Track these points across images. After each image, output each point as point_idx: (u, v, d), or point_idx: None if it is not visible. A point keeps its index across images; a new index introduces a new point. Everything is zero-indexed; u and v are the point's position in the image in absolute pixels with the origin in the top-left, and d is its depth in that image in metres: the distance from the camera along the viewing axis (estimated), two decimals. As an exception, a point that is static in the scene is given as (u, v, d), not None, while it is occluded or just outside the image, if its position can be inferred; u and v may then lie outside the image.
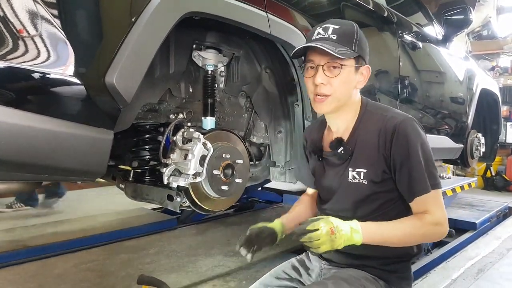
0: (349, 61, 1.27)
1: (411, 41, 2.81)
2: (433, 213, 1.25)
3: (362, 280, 1.30)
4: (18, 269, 2.85)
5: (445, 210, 1.28)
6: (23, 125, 1.02)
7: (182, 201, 1.57)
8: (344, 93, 1.30)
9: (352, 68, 1.29)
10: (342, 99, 1.30)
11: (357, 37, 1.28)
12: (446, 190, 3.31)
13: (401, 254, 1.36)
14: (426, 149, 1.28)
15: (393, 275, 1.36)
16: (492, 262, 2.99)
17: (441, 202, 1.28)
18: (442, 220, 1.26)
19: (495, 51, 8.15)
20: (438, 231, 1.27)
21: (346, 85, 1.29)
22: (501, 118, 4.60)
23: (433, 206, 1.26)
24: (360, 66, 1.31)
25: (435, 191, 1.26)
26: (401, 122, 1.28)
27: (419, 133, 1.29)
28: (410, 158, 1.24)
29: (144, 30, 1.15)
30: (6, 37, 0.99)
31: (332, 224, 1.16)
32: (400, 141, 1.25)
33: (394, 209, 1.33)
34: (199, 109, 1.75)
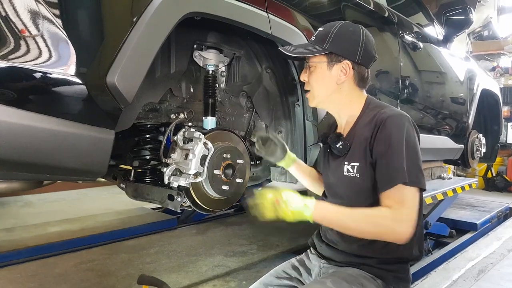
0: (319, 58, 1.36)
1: (412, 41, 2.81)
2: (399, 208, 1.19)
3: (360, 279, 1.31)
4: (18, 269, 2.86)
5: (415, 211, 1.20)
6: (25, 124, 1.02)
7: (183, 201, 1.57)
8: (321, 88, 1.39)
9: (323, 65, 1.36)
10: (322, 93, 1.39)
11: (331, 36, 1.34)
12: (447, 191, 3.30)
13: (400, 256, 1.36)
14: (411, 146, 1.26)
15: (391, 274, 1.36)
16: (493, 263, 2.99)
17: (414, 201, 1.21)
18: (405, 219, 1.18)
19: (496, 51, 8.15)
20: (397, 229, 1.18)
21: (321, 81, 1.38)
22: (501, 119, 4.59)
23: (401, 202, 1.19)
24: (334, 62, 1.35)
25: (411, 188, 1.21)
26: (390, 116, 1.29)
27: (406, 129, 1.28)
28: (389, 150, 1.24)
29: (145, 30, 1.15)
30: (8, 37, 0.99)
31: (281, 196, 1.21)
32: (383, 133, 1.27)
33: None
34: (200, 109, 1.75)
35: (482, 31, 8.46)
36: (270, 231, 3.86)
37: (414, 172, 1.23)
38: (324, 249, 1.48)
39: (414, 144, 1.28)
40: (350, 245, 1.38)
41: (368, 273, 1.34)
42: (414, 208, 1.21)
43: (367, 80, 1.43)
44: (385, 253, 1.34)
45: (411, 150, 1.26)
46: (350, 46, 1.35)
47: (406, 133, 1.27)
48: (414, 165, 1.24)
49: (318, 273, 1.47)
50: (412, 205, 1.21)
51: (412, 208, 1.21)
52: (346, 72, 1.35)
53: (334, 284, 1.26)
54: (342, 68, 1.35)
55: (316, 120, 1.90)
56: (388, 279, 1.35)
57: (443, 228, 3.63)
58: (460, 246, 3.41)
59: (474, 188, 3.97)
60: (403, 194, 1.20)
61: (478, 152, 4.07)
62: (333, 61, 1.35)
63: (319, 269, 1.48)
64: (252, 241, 3.57)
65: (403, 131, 1.27)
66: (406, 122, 1.30)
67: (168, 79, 1.62)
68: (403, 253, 1.36)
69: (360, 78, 1.39)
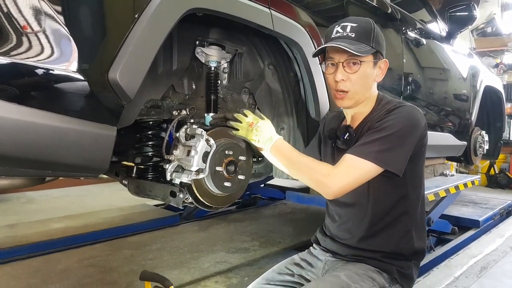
0: (368, 57, 1.33)
1: (415, 38, 2.80)
2: (338, 168, 1.26)
3: (369, 272, 1.35)
4: (21, 265, 2.87)
5: (350, 178, 1.24)
6: (27, 121, 1.02)
7: (185, 198, 1.57)
8: (363, 87, 1.37)
9: (370, 64, 1.35)
10: (361, 92, 1.37)
11: (374, 33, 1.34)
12: (450, 188, 3.30)
13: (400, 250, 1.39)
14: (402, 131, 1.27)
15: (395, 268, 1.38)
16: (495, 260, 2.99)
17: (358, 172, 1.25)
18: (334, 177, 1.24)
19: (499, 48, 8.11)
20: (324, 182, 1.25)
21: (365, 79, 1.36)
22: (505, 116, 4.57)
23: (346, 166, 1.26)
24: (378, 60, 1.37)
25: (365, 161, 1.24)
26: (402, 106, 1.34)
27: (413, 119, 1.31)
28: (382, 130, 1.28)
29: (147, 26, 1.15)
30: (10, 33, 0.99)
31: (256, 122, 1.38)
32: (387, 116, 1.31)
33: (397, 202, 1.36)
34: (202, 105, 1.75)
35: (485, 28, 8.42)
36: (273, 228, 3.86)
37: (385, 154, 1.25)
38: (328, 243, 1.52)
39: (408, 133, 1.29)
40: (352, 238, 1.43)
41: (374, 267, 1.37)
42: (354, 173, 1.25)
43: None
44: (385, 245, 1.38)
45: (401, 137, 1.27)
46: (384, 43, 1.38)
47: (410, 123, 1.29)
48: (390, 149, 1.26)
49: (323, 267, 1.50)
50: (352, 173, 1.25)
51: (349, 175, 1.25)
52: (383, 70, 1.39)
53: (347, 277, 1.30)
54: (381, 66, 1.38)
55: (319, 117, 1.89)
56: (393, 272, 1.37)
57: (445, 225, 3.62)
58: (462, 243, 3.41)
59: (476, 185, 3.96)
60: (353, 161, 1.25)
61: (481, 149, 4.06)
62: (377, 59, 1.36)
63: (324, 263, 1.50)
64: (254, 237, 3.58)
65: (408, 121, 1.29)
66: (417, 114, 1.32)
67: (170, 75, 1.61)
68: (403, 247, 1.39)
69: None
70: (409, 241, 1.40)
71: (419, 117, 1.33)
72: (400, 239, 1.39)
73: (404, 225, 1.40)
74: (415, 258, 1.44)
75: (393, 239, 1.38)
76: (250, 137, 1.38)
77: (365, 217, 1.41)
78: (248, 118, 1.40)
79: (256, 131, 1.37)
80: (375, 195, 1.38)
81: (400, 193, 1.38)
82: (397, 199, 1.38)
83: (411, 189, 1.39)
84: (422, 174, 1.46)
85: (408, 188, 1.39)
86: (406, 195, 1.38)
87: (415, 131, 1.31)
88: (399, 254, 1.39)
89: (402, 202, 1.38)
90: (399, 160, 1.27)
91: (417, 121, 1.31)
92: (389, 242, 1.38)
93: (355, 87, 1.35)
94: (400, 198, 1.38)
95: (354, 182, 1.25)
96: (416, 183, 1.42)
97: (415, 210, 1.42)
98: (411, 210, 1.40)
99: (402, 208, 1.38)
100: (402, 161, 1.27)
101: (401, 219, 1.39)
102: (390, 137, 1.26)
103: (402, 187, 1.37)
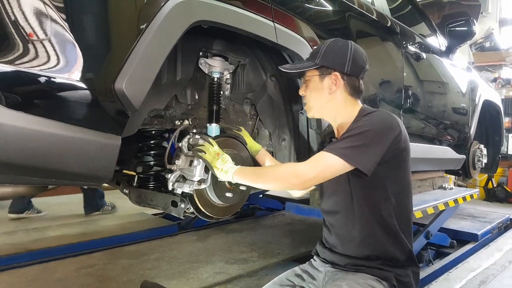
0: (311, 72, 1.49)
1: (415, 51, 2.83)
2: (306, 162, 1.34)
3: (369, 281, 1.38)
4: (19, 273, 2.84)
5: (316, 169, 1.31)
6: (32, 129, 1.03)
7: (186, 208, 1.58)
8: (315, 100, 1.51)
9: (316, 78, 1.49)
10: (317, 104, 1.51)
11: (322, 51, 1.47)
12: (449, 201, 3.30)
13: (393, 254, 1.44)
14: (372, 132, 1.33)
15: (393, 275, 1.41)
16: (494, 274, 2.98)
17: (324, 164, 1.31)
18: (301, 173, 1.31)
19: (498, 62, 8.16)
20: (291, 178, 1.32)
21: (315, 92, 1.50)
22: (503, 130, 4.60)
23: (313, 159, 1.34)
24: (325, 74, 1.47)
25: (331, 155, 1.30)
26: (377, 111, 1.41)
27: (384, 123, 1.36)
28: (351, 131, 1.35)
29: (154, 37, 1.17)
30: (17, 43, 1.00)
31: (222, 154, 1.47)
32: (362, 119, 1.39)
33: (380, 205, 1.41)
34: (204, 115, 1.76)
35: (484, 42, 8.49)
36: (271, 239, 3.85)
37: (351, 150, 1.30)
38: (327, 254, 1.56)
39: (378, 134, 1.34)
40: (348, 244, 1.48)
41: (373, 275, 1.40)
42: (320, 165, 1.32)
43: (360, 90, 1.50)
44: (379, 251, 1.43)
45: (369, 136, 1.33)
46: (339, 58, 1.46)
47: (381, 124, 1.36)
48: (357, 146, 1.31)
49: (323, 278, 1.52)
50: (319, 167, 1.32)
51: (315, 167, 1.32)
52: (336, 83, 1.45)
53: (349, 286, 1.34)
54: (333, 79, 1.45)
55: (320, 129, 1.91)
56: (391, 280, 1.40)
57: (444, 238, 3.62)
58: (461, 257, 3.39)
59: (475, 199, 3.97)
60: (320, 155, 1.34)
61: (480, 163, 4.07)
62: (324, 73, 1.47)
63: (324, 274, 1.53)
64: (253, 248, 3.56)
65: (378, 122, 1.36)
66: (390, 119, 1.38)
67: (174, 85, 1.63)
68: (396, 251, 1.43)
69: (352, 88, 1.48)
70: (400, 244, 1.45)
71: (392, 121, 1.38)
72: (392, 243, 1.44)
73: (393, 229, 1.44)
74: (411, 265, 1.47)
75: (385, 244, 1.43)
76: (215, 164, 1.45)
77: (354, 224, 1.45)
78: (215, 148, 1.49)
79: (222, 160, 1.46)
80: (358, 200, 1.43)
81: (382, 197, 1.42)
82: (380, 203, 1.42)
83: (393, 195, 1.43)
84: (407, 182, 1.49)
85: (389, 193, 1.42)
86: (388, 199, 1.42)
87: (387, 133, 1.35)
88: (394, 259, 1.43)
89: (386, 206, 1.42)
90: (366, 158, 1.31)
91: (389, 124, 1.36)
92: (382, 247, 1.43)
93: (309, 100, 1.53)
94: (383, 202, 1.42)
95: (320, 174, 1.31)
96: (400, 189, 1.45)
97: (401, 215, 1.46)
98: (397, 215, 1.44)
99: (387, 212, 1.43)
100: (370, 160, 1.31)
101: (389, 224, 1.43)
102: (359, 136, 1.32)
103: (383, 192, 1.42)
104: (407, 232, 1.48)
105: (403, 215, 1.47)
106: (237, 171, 1.43)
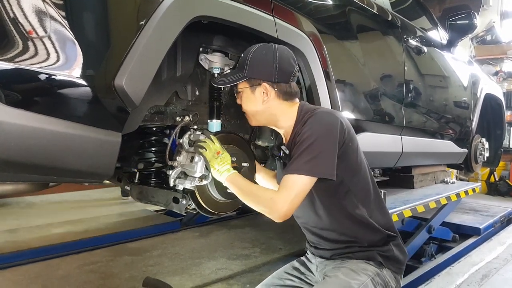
0: (242, 84, 1.47)
1: (416, 45, 2.81)
2: (280, 191, 1.32)
3: (359, 264, 1.44)
4: (21, 270, 2.86)
5: (294, 194, 1.29)
6: (33, 126, 1.03)
7: (188, 204, 1.57)
8: (252, 110, 1.49)
9: (247, 90, 1.47)
10: (255, 114, 1.49)
11: (247, 62, 1.43)
12: (451, 195, 3.30)
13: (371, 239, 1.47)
14: (322, 140, 1.33)
15: (376, 252, 1.46)
16: (497, 268, 2.98)
17: (295, 188, 1.30)
18: (278, 201, 1.30)
19: (499, 56, 8.13)
20: (270, 207, 1.32)
21: (250, 103, 1.48)
22: (505, 123, 4.59)
23: (285, 188, 1.31)
24: (255, 86, 1.45)
25: (299, 176, 1.30)
26: (316, 114, 1.39)
27: (327, 124, 1.35)
28: (300, 144, 1.34)
29: (153, 33, 1.16)
30: (17, 40, 1.00)
31: (222, 153, 1.45)
32: (302, 129, 1.37)
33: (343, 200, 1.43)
34: (205, 111, 1.76)
35: (485, 36, 8.45)
36: (273, 234, 3.85)
37: (311, 163, 1.30)
38: (313, 250, 1.62)
39: (326, 138, 1.34)
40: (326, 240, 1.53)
41: (359, 259, 1.45)
42: (293, 191, 1.30)
43: (293, 92, 1.49)
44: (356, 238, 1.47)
45: (319, 144, 1.32)
46: (265, 68, 1.43)
47: (324, 128, 1.35)
48: (314, 157, 1.31)
49: (316, 269, 1.60)
50: (293, 191, 1.30)
51: (291, 191, 1.30)
52: (267, 93, 1.45)
53: (345, 275, 1.39)
54: (264, 90, 1.44)
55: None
56: (376, 257, 1.45)
57: (446, 232, 3.62)
58: (463, 251, 3.40)
59: (477, 193, 3.96)
60: (292, 182, 1.31)
61: (482, 157, 4.07)
62: (254, 85, 1.45)
63: (316, 266, 1.60)
64: (255, 244, 3.57)
65: (320, 126, 1.35)
66: (328, 118, 1.38)
67: (174, 82, 1.62)
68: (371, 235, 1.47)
69: (284, 93, 1.46)
70: (372, 228, 1.47)
71: (331, 119, 1.37)
72: (364, 228, 1.46)
73: (362, 217, 1.45)
74: (390, 239, 1.50)
75: (358, 231, 1.46)
76: (212, 163, 1.44)
77: (326, 223, 1.48)
78: (216, 145, 1.47)
79: (220, 160, 1.44)
80: (322, 201, 1.45)
81: (343, 192, 1.43)
82: (342, 198, 1.44)
83: (352, 184, 1.44)
84: (360, 165, 1.48)
85: (348, 184, 1.43)
86: (349, 192, 1.44)
87: (332, 134, 1.35)
88: (371, 241, 1.47)
89: (349, 199, 1.44)
90: (327, 165, 1.32)
91: (330, 125, 1.36)
92: (357, 234, 1.46)
93: (246, 111, 1.51)
94: (345, 195, 1.43)
95: (295, 198, 1.30)
96: (355, 177, 1.46)
97: (367, 202, 1.48)
98: (361, 201, 1.46)
99: (351, 204, 1.44)
100: (330, 166, 1.32)
101: (356, 214, 1.45)
102: (311, 147, 1.32)
103: (343, 186, 1.43)
104: (377, 211, 1.50)
105: (367, 198, 1.48)
106: (230, 178, 1.42)
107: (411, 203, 2.75)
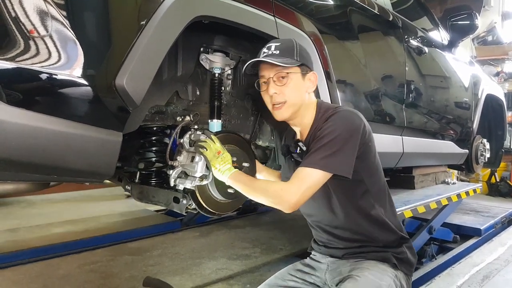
0: (294, 69, 1.41)
1: (417, 46, 2.81)
2: (291, 182, 1.32)
3: (379, 265, 1.43)
4: (22, 269, 2.86)
5: (302, 188, 1.29)
6: (34, 126, 1.03)
7: (188, 204, 1.57)
8: (296, 98, 1.43)
9: (298, 75, 1.42)
10: (297, 103, 1.44)
11: (297, 49, 1.42)
12: (451, 196, 3.29)
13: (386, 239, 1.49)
14: (342, 136, 1.33)
15: (390, 254, 1.46)
16: (498, 269, 2.98)
17: (308, 180, 1.30)
18: (288, 191, 1.30)
19: (500, 56, 8.12)
20: (280, 197, 1.31)
21: (297, 90, 1.42)
22: (506, 124, 4.58)
23: (298, 178, 1.31)
24: (306, 73, 1.44)
25: (313, 170, 1.30)
26: (338, 112, 1.39)
27: (347, 123, 1.36)
28: (320, 139, 1.34)
29: (154, 33, 1.16)
30: (18, 39, 1.00)
31: (223, 153, 1.44)
32: (324, 125, 1.37)
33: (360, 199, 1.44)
34: (205, 111, 1.75)
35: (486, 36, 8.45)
36: (273, 235, 3.85)
37: (328, 159, 1.31)
38: (323, 249, 1.60)
39: (347, 136, 1.34)
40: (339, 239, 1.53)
41: (373, 259, 1.46)
42: (306, 183, 1.30)
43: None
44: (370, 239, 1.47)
45: (340, 141, 1.33)
46: (309, 58, 1.47)
47: (347, 126, 1.35)
48: (333, 153, 1.31)
49: (326, 268, 1.57)
50: (306, 184, 1.30)
51: (301, 185, 1.30)
52: (313, 82, 1.46)
53: (373, 276, 1.38)
54: (311, 78, 1.45)
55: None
56: (391, 259, 1.45)
57: (447, 233, 3.61)
58: (464, 252, 3.39)
59: (477, 194, 3.96)
60: (306, 174, 1.31)
61: (482, 157, 4.06)
62: (304, 72, 1.44)
63: (327, 265, 1.57)
64: (255, 244, 3.57)
65: (344, 124, 1.35)
66: (352, 117, 1.38)
67: (175, 81, 1.62)
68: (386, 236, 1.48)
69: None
70: (388, 228, 1.48)
71: (355, 118, 1.38)
72: (379, 228, 1.47)
73: (378, 217, 1.47)
74: (403, 241, 1.51)
75: (374, 231, 1.47)
76: (213, 163, 1.43)
77: (340, 221, 1.49)
78: (216, 145, 1.46)
79: (221, 160, 1.43)
80: (340, 199, 1.45)
81: (360, 192, 1.45)
82: (360, 197, 1.45)
83: (370, 184, 1.46)
84: (377, 166, 1.50)
85: (366, 183, 1.45)
86: (367, 191, 1.45)
87: (354, 133, 1.35)
88: (386, 241, 1.48)
89: (366, 198, 1.45)
90: (344, 163, 1.32)
91: (353, 124, 1.37)
92: (373, 234, 1.47)
93: (289, 99, 1.42)
94: (362, 195, 1.45)
95: (307, 191, 1.31)
96: (373, 177, 1.48)
97: (383, 202, 1.50)
98: (377, 201, 1.48)
99: (368, 203, 1.46)
100: (348, 164, 1.33)
101: (372, 213, 1.46)
102: (331, 143, 1.32)
103: (361, 186, 1.44)
104: (391, 212, 1.52)
105: (382, 199, 1.50)
106: (232, 176, 1.42)
107: (411, 203, 2.75)
